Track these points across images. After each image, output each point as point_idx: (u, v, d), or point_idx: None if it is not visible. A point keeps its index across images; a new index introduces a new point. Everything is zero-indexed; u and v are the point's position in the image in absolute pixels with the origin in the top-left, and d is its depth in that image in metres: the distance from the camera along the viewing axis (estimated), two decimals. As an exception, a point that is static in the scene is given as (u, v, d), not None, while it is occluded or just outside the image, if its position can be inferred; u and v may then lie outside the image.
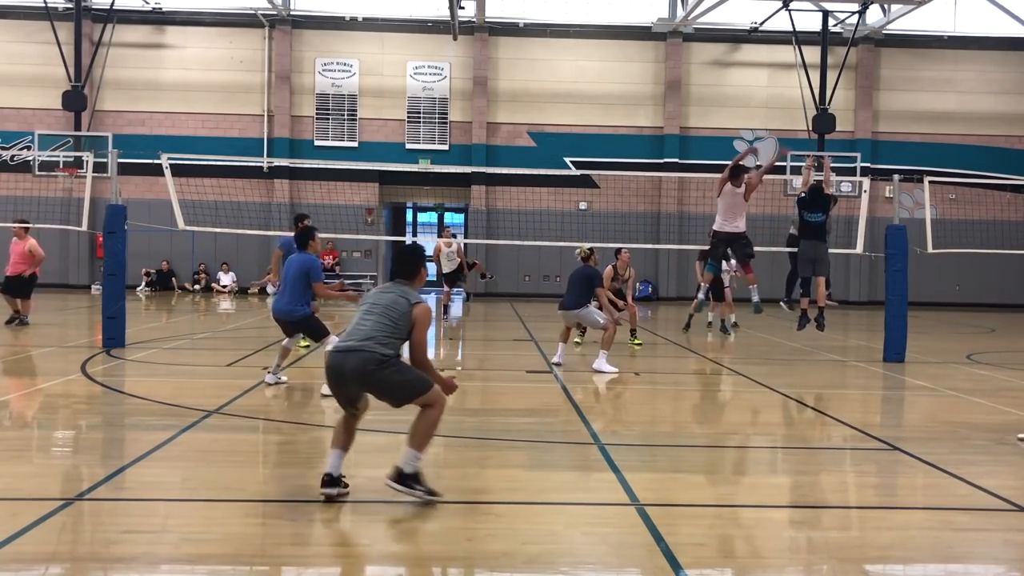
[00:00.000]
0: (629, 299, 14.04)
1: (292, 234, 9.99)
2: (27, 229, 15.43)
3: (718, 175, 11.85)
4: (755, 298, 11.93)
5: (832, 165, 12.99)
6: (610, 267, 13.69)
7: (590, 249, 11.76)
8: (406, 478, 5.21)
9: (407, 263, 5.60)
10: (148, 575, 4.26)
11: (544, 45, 26.94)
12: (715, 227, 11.64)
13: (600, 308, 11.45)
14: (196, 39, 26.53)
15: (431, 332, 18.00)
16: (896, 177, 13.57)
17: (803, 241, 11.90)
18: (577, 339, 13.44)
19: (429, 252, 37.30)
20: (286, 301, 9.17)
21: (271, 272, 13.57)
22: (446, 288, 17.58)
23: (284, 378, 9.49)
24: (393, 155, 26.22)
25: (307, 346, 12.30)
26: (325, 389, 8.51)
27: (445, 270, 17.33)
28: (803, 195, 11.91)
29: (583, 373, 11.35)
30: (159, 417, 7.61)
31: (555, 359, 11.56)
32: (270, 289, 25.28)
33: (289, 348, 9.56)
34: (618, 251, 14.07)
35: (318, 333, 9.31)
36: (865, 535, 5.00)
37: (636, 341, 13.78)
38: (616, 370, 10.83)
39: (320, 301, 9.78)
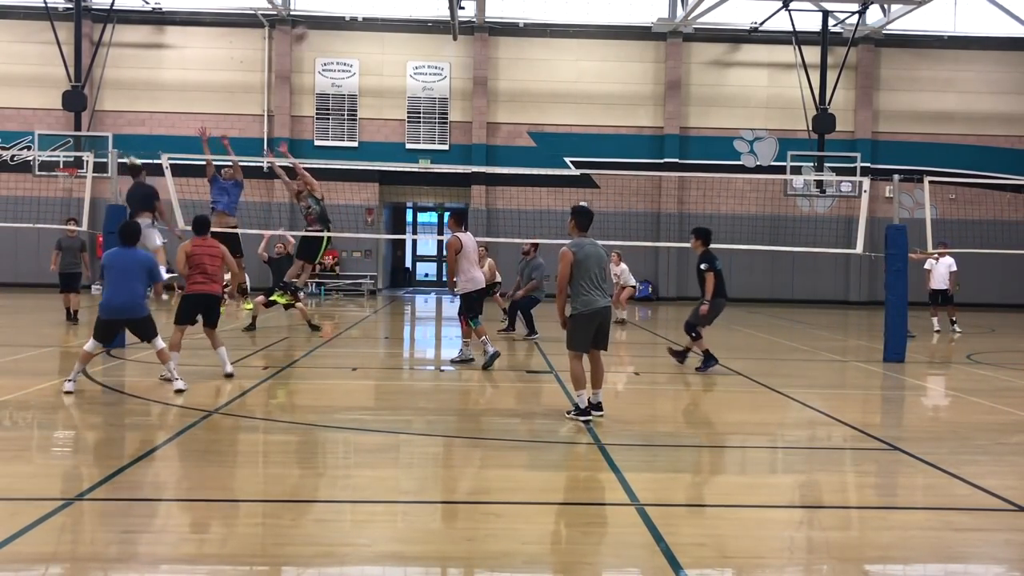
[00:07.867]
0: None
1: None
2: None
3: (718, 175, 11.82)
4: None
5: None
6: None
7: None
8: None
9: (588, 215, 8.08)
10: (148, 575, 4.26)
11: (544, 45, 26.95)
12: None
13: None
14: (196, 39, 26.54)
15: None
16: (896, 177, 13.55)
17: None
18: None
19: (423, 252, 36.29)
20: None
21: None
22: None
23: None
24: (393, 155, 26.22)
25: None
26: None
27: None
28: None
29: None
30: (159, 417, 7.61)
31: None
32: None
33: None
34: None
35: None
36: (865, 535, 5.00)
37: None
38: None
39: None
